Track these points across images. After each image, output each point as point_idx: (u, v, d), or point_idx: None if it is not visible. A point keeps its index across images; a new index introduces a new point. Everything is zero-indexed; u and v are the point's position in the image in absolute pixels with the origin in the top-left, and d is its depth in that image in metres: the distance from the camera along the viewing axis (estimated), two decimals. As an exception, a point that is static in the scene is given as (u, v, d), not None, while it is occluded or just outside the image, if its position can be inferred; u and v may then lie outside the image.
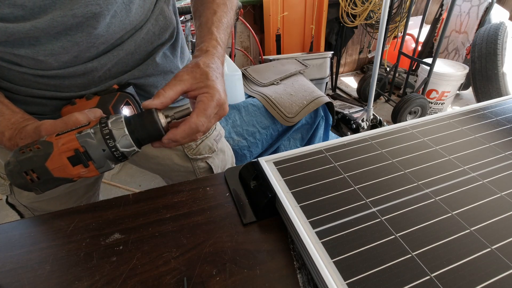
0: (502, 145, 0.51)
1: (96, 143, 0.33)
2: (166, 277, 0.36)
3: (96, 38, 0.42)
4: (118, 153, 0.33)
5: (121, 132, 0.33)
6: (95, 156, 0.33)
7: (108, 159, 0.33)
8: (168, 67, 0.56)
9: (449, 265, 0.33)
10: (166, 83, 0.56)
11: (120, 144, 0.33)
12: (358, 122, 1.92)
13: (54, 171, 0.32)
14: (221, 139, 0.72)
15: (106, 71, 0.49)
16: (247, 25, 2.06)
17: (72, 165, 0.32)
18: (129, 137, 0.34)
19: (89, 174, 0.33)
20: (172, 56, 0.57)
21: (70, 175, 0.32)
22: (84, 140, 0.32)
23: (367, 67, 3.06)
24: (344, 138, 0.54)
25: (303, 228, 0.37)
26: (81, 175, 0.33)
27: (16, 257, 0.40)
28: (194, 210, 0.46)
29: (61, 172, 0.32)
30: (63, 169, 0.32)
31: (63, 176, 0.32)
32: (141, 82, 0.53)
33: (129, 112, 0.49)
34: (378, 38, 1.76)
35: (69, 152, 0.32)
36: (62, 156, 0.32)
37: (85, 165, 0.32)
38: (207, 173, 0.69)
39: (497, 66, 2.04)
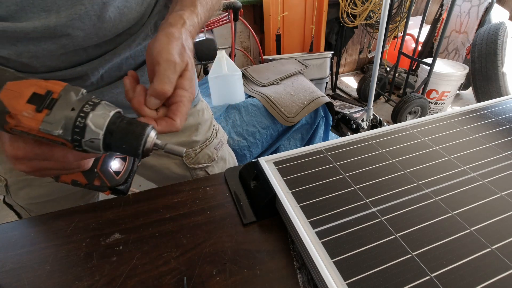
0: (502, 145, 0.51)
1: (74, 100, 0.27)
2: (166, 277, 0.36)
3: (84, 41, 0.40)
4: (79, 124, 0.27)
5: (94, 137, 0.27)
6: (56, 108, 0.26)
7: (64, 122, 0.27)
8: None
9: (449, 265, 0.33)
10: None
11: (85, 143, 0.28)
12: (358, 122, 1.92)
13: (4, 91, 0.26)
14: (222, 147, 0.71)
15: (99, 77, 0.46)
16: (247, 25, 2.06)
17: (27, 100, 0.26)
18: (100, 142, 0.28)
19: (28, 121, 0.26)
20: None
21: (11, 106, 0.26)
22: (69, 92, 0.27)
23: (367, 67, 3.06)
24: (344, 138, 0.54)
25: (303, 228, 0.37)
26: (21, 115, 0.26)
27: (16, 257, 0.40)
28: (194, 210, 0.46)
29: (9, 97, 0.26)
30: (14, 96, 0.26)
31: (4, 101, 0.26)
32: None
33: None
34: (378, 38, 1.76)
35: (42, 90, 0.26)
36: (31, 88, 0.26)
37: (38, 109, 0.26)
38: None
39: (497, 66, 2.04)
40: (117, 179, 0.37)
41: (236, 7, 1.74)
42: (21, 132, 0.27)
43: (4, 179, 0.56)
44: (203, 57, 1.68)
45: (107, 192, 0.38)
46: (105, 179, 0.37)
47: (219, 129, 0.72)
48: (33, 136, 0.27)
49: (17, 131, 0.27)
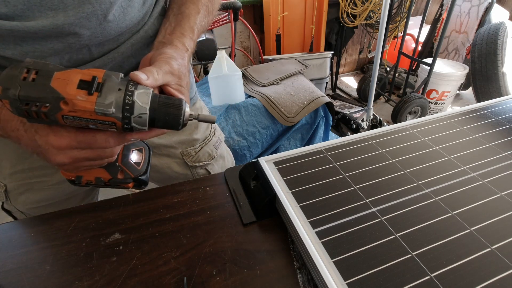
0: (502, 145, 0.51)
1: (117, 82, 0.30)
2: (166, 277, 0.36)
3: (90, 40, 0.40)
4: (129, 101, 0.30)
5: (142, 112, 0.30)
6: (106, 89, 0.29)
7: (115, 101, 0.29)
8: None
9: (449, 265, 0.33)
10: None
11: (134, 119, 0.30)
12: (358, 122, 1.92)
13: (55, 80, 0.28)
14: (220, 145, 0.72)
15: None
16: (247, 25, 2.06)
17: (77, 86, 0.28)
18: (147, 117, 0.31)
19: (84, 103, 0.28)
20: None
21: (65, 93, 0.28)
22: (110, 75, 0.29)
23: (367, 67, 3.06)
24: (344, 138, 0.54)
25: (303, 228, 0.37)
26: (76, 99, 0.28)
27: (16, 257, 0.40)
28: (194, 210, 0.46)
29: (60, 85, 0.28)
30: (65, 83, 0.28)
31: (58, 89, 0.28)
32: None
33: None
34: (378, 38, 1.76)
35: (87, 76, 0.29)
36: (78, 75, 0.29)
37: (89, 92, 0.28)
38: None
39: (497, 66, 2.04)
40: (139, 169, 0.40)
41: (236, 7, 1.74)
42: (73, 118, 0.29)
43: (4, 184, 0.55)
44: (203, 57, 1.68)
45: (131, 184, 0.39)
46: (128, 171, 0.39)
47: (217, 128, 0.73)
48: (85, 120, 0.29)
49: (69, 118, 0.29)
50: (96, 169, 0.38)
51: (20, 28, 0.35)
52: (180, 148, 0.63)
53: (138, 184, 0.40)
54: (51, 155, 0.32)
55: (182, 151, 0.64)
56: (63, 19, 0.36)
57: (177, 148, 0.63)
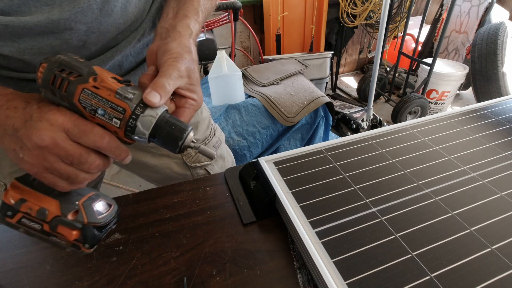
0: (502, 145, 0.51)
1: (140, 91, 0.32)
2: (166, 277, 0.36)
3: (86, 35, 0.40)
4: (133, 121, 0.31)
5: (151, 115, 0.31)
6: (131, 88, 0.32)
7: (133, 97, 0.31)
8: None
9: (449, 265, 0.33)
10: None
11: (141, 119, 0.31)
12: (358, 122, 1.92)
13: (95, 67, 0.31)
14: (221, 145, 0.71)
15: None
16: (247, 25, 2.06)
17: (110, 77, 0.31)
18: (146, 139, 0.32)
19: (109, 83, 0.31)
20: None
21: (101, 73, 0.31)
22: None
23: (367, 67, 3.06)
24: (344, 138, 0.54)
25: (303, 228, 0.37)
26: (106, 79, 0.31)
27: (16, 257, 0.40)
28: (194, 210, 0.46)
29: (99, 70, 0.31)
30: (103, 71, 0.31)
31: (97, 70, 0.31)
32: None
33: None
34: (378, 38, 1.76)
35: (119, 77, 0.32)
36: (111, 74, 0.32)
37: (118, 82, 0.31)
38: None
39: (497, 66, 2.04)
40: (97, 218, 0.34)
41: (236, 7, 1.74)
42: (91, 94, 0.30)
43: (3, 183, 0.55)
44: (203, 57, 1.68)
45: (75, 232, 0.32)
46: (84, 213, 0.33)
47: (217, 128, 0.73)
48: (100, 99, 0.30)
49: (88, 93, 0.30)
50: (48, 198, 0.33)
51: (15, 23, 0.35)
52: None
53: (83, 239, 0.32)
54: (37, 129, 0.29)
55: None
56: (59, 14, 0.36)
57: None
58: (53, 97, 0.31)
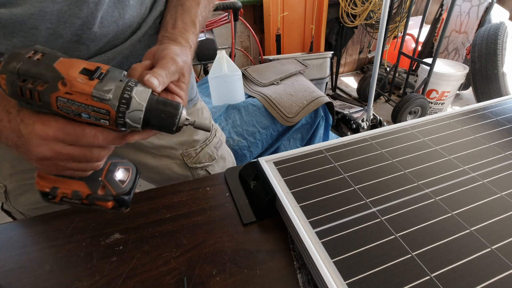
0: (502, 145, 0.51)
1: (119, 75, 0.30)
2: (166, 277, 0.36)
3: (83, 31, 0.39)
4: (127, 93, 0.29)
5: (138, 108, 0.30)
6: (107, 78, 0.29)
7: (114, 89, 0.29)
8: None
9: (449, 265, 0.33)
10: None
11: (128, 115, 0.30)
12: (358, 122, 1.92)
13: (59, 63, 0.28)
14: (221, 146, 0.71)
15: None
16: (247, 25, 2.06)
17: (79, 71, 0.28)
18: (142, 115, 0.30)
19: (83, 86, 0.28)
20: None
21: (66, 74, 0.28)
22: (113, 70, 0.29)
23: (367, 67, 3.06)
24: (344, 138, 0.54)
25: (303, 228, 0.37)
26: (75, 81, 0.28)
27: (16, 257, 0.40)
28: (194, 210, 0.46)
29: (63, 67, 0.28)
30: (68, 66, 0.28)
31: (60, 70, 0.28)
32: None
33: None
34: (378, 38, 1.76)
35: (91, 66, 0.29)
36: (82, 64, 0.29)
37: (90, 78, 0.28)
38: None
39: (497, 66, 2.04)
40: (122, 187, 0.36)
41: (236, 7, 1.74)
42: (68, 101, 0.28)
43: (3, 185, 0.55)
44: (203, 57, 1.68)
45: (110, 203, 0.35)
46: (111, 187, 0.36)
47: (218, 129, 0.73)
48: (79, 104, 0.28)
49: (63, 100, 0.28)
50: (75, 181, 0.35)
51: (7, 16, 0.34)
52: (180, 149, 0.63)
53: (119, 205, 0.36)
54: (33, 146, 0.30)
55: (182, 152, 0.64)
56: (52, 6, 0.35)
57: (178, 149, 0.63)
58: (30, 107, 0.29)
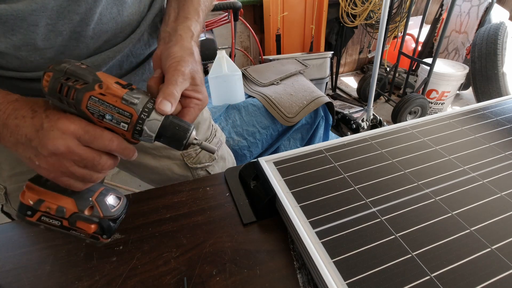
0: (502, 145, 0.51)
1: (145, 93, 0.34)
2: (166, 277, 0.36)
3: (81, 28, 0.39)
4: (139, 125, 0.33)
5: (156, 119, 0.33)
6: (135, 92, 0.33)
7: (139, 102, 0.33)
8: None
9: (449, 265, 0.33)
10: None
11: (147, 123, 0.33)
12: (358, 122, 1.92)
13: (99, 73, 0.32)
14: (221, 146, 0.71)
15: None
16: (247, 25, 2.06)
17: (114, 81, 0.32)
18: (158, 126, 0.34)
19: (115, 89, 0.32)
20: None
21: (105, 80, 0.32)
22: (140, 86, 0.33)
23: (367, 67, 3.06)
24: (344, 138, 0.54)
25: (303, 228, 0.37)
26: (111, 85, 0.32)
27: (16, 257, 0.40)
28: (194, 210, 0.46)
29: (103, 76, 0.32)
30: (107, 76, 0.32)
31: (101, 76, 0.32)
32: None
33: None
34: (378, 38, 1.76)
35: (122, 81, 0.33)
36: (114, 79, 0.33)
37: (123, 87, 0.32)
38: None
39: (497, 66, 2.04)
40: (111, 212, 0.36)
41: (236, 7, 1.74)
42: (98, 101, 0.31)
43: (3, 186, 0.55)
44: (203, 57, 1.68)
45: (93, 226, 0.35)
46: (99, 208, 0.36)
47: (218, 129, 0.72)
48: (107, 105, 0.31)
49: (95, 100, 0.31)
50: (64, 197, 0.35)
51: (8, 12, 0.34)
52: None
53: (101, 231, 0.35)
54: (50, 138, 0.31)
55: (182, 153, 0.64)
56: (53, 1, 0.36)
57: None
58: (60, 105, 0.32)
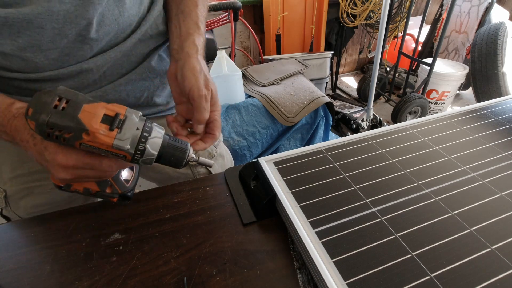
0: (502, 145, 0.51)
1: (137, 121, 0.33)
2: (166, 277, 0.36)
3: (87, 31, 0.40)
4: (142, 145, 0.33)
5: (150, 156, 0.35)
6: (125, 128, 0.32)
7: (130, 139, 0.33)
8: (164, 69, 0.56)
9: (449, 265, 0.33)
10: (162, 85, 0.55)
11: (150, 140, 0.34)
12: (358, 122, 1.92)
13: (83, 112, 0.31)
14: (219, 144, 0.72)
15: (102, 74, 0.47)
16: (247, 25, 2.06)
17: (101, 120, 0.31)
18: (154, 160, 0.35)
19: (104, 138, 0.31)
20: (168, 58, 0.56)
21: (90, 126, 0.31)
22: (131, 114, 0.33)
23: (367, 67, 3.06)
24: (344, 138, 0.54)
25: (303, 228, 0.37)
26: (98, 133, 0.31)
27: (16, 257, 0.40)
28: (194, 210, 0.46)
29: (87, 118, 0.31)
30: (91, 117, 0.31)
31: (84, 122, 0.30)
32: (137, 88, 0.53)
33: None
34: (378, 38, 1.76)
35: (110, 112, 0.32)
36: (102, 110, 0.31)
37: (111, 128, 0.31)
38: None
39: (497, 66, 2.04)
40: (127, 186, 0.41)
41: (236, 7, 1.74)
42: (89, 147, 0.32)
43: (3, 190, 0.55)
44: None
45: (115, 199, 0.41)
46: (117, 186, 0.40)
47: None
48: (100, 149, 0.32)
49: (86, 146, 0.32)
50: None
51: (15, 15, 0.35)
52: None
53: (122, 200, 0.41)
54: (55, 171, 0.34)
55: None
56: (59, 6, 0.36)
57: None
58: (55, 141, 0.32)
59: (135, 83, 0.51)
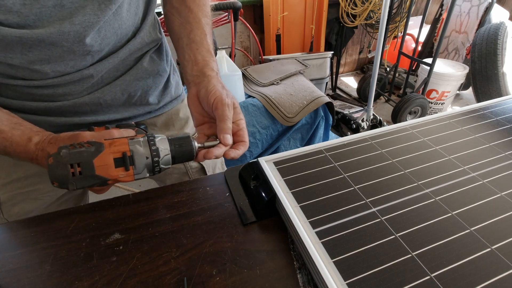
0: (502, 145, 0.51)
1: (143, 151, 0.37)
2: (166, 277, 0.36)
3: (91, 46, 0.44)
4: (157, 168, 0.38)
5: (165, 152, 0.38)
6: (137, 163, 0.36)
7: (146, 168, 0.37)
8: (156, 69, 0.59)
9: (449, 265, 0.33)
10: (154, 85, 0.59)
11: (162, 160, 0.38)
12: (358, 122, 1.92)
13: (98, 168, 0.34)
14: None
15: (100, 78, 0.50)
16: (247, 25, 2.06)
17: (115, 166, 0.35)
18: (170, 156, 0.39)
19: (126, 178, 0.36)
20: (159, 59, 0.60)
21: (109, 176, 0.35)
22: (134, 145, 0.36)
23: (367, 67, 3.06)
24: (344, 138, 0.54)
25: (303, 228, 0.37)
26: (119, 178, 0.36)
27: (16, 257, 0.40)
28: (194, 210, 0.46)
29: (103, 171, 0.35)
30: (106, 168, 0.35)
31: (103, 175, 0.35)
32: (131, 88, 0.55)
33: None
34: (378, 38, 1.76)
35: (117, 154, 0.35)
36: (110, 156, 0.35)
37: (126, 168, 0.36)
38: (199, 173, 0.69)
39: (497, 66, 2.04)
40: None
41: (236, 7, 1.74)
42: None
43: None
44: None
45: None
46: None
47: None
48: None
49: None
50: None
51: (29, 35, 0.37)
52: None
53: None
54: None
55: None
56: (69, 27, 0.39)
57: None
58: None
59: (129, 83, 0.55)
